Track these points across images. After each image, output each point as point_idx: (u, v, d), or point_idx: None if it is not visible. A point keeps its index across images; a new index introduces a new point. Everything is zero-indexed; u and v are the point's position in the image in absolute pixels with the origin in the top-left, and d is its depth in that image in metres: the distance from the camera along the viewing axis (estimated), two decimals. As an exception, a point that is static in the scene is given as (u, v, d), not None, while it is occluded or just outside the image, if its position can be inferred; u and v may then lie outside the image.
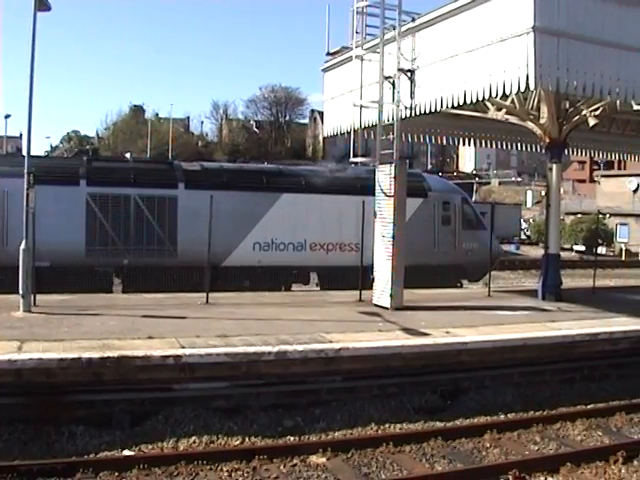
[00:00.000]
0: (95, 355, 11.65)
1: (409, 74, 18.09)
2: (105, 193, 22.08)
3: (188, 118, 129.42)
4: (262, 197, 23.63)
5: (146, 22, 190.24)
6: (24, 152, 16.85)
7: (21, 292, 15.98)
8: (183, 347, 12.44)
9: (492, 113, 21.19)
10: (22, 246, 16.03)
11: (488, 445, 11.20)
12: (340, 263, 23.18)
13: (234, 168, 27.18)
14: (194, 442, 10.88)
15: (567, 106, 20.90)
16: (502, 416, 12.73)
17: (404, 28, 17.98)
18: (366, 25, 18.46)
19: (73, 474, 9.38)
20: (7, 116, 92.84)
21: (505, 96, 17.37)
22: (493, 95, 15.96)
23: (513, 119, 21.24)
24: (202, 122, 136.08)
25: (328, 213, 23.73)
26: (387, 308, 17.87)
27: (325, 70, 22.60)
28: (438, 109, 17.68)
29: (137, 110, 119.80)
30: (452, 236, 26.15)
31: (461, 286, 26.21)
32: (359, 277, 19.65)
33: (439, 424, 12.18)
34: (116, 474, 9.50)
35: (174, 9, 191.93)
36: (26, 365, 11.23)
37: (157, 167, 25.16)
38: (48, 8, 16.40)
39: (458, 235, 26.39)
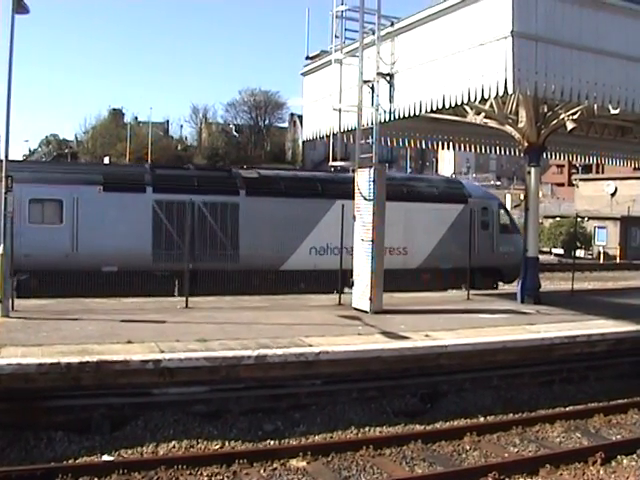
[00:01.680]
0: (74, 360, 11.58)
1: (388, 78, 18.17)
2: (170, 200, 22.62)
3: (167, 122, 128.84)
4: (317, 204, 24.37)
5: (125, 25, 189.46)
6: (1, 156, 16.69)
7: (-1, 297, 15.86)
8: (162, 351, 12.40)
9: (471, 117, 21.30)
10: (0, 250, 15.89)
11: (468, 448, 11.23)
12: (388, 266, 23.43)
13: (291, 176, 27.50)
14: (174, 447, 10.83)
15: (545, 110, 21.02)
16: (482, 419, 12.78)
17: (383, 32, 18.05)
18: (345, 29, 18.51)
19: (52, 479, 9.29)
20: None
21: (484, 100, 17.48)
22: (472, 99, 16.04)
23: (492, 123, 21.35)
24: (181, 126, 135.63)
25: None
26: (367, 312, 17.89)
27: (305, 74, 22.62)
28: (417, 113, 17.72)
29: (116, 114, 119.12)
30: (490, 240, 27.18)
31: (496, 288, 26.65)
32: (339, 280, 19.70)
33: (419, 427, 12.20)
34: (95, 479, 9.42)
35: (152, 10, 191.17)
36: (4, 370, 11.14)
37: (218, 175, 25.64)
38: (26, 11, 16.29)
39: (496, 239, 27.49)
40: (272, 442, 11.21)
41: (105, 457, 10.35)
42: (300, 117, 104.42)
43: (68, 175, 22.65)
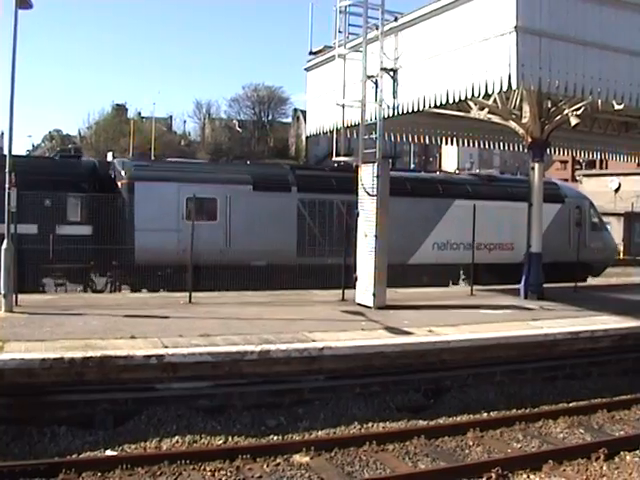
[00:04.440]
0: (78, 355, 11.59)
1: (392, 73, 18.15)
2: (313, 199, 24.64)
3: (171, 117, 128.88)
4: (439, 203, 26.35)
5: (129, 19, 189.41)
6: (5, 151, 16.72)
7: (2, 292, 15.88)
8: (166, 347, 12.41)
9: (475, 112, 21.27)
10: (4, 245, 15.93)
11: (471, 443, 11.22)
12: (500, 260, 25.94)
13: (414, 177, 29.20)
14: (177, 442, 10.82)
15: (549, 106, 21.02)
16: (485, 414, 12.75)
17: (387, 27, 18.03)
18: (349, 24, 18.51)
19: (56, 474, 9.29)
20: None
21: (487, 95, 17.48)
22: (475, 95, 16.02)
23: (495, 118, 21.33)
24: (185, 121, 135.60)
25: (491, 216, 25.15)
26: (370, 307, 17.91)
27: (308, 69, 22.61)
28: (421, 108, 17.71)
29: (119, 109, 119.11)
30: (583, 236, 28.28)
31: (585, 281, 27.24)
32: (342, 275, 19.71)
33: (422, 423, 12.18)
34: (99, 474, 9.42)
35: (155, 5, 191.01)
36: (7, 365, 11.15)
37: (353, 175, 26.04)
38: (30, 6, 16.28)
39: (587, 236, 29.23)
40: (275, 437, 11.20)
41: (108, 452, 10.34)
42: (303, 112, 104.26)
43: (221, 175, 24.46)
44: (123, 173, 23.38)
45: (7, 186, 16.17)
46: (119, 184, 23.28)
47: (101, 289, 23.14)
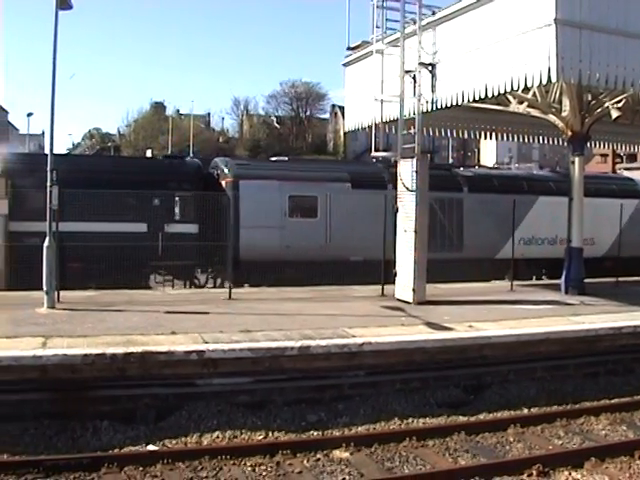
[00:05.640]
0: (119, 350, 11.74)
1: (430, 68, 18.05)
2: None
3: (209, 114, 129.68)
4: (525, 199, 26.05)
5: (166, 19, 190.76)
6: (46, 150, 16.96)
7: (45, 289, 16.10)
8: (206, 342, 12.51)
9: (514, 106, 21.09)
10: (46, 243, 16.14)
11: (512, 440, 11.15)
12: None
13: (500, 174, 30.27)
14: (217, 437, 10.90)
15: (589, 98, 20.76)
16: (525, 410, 12.66)
17: (425, 22, 17.95)
18: (386, 19, 18.48)
19: (98, 469, 9.42)
20: (29, 114, 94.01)
21: (527, 89, 17.35)
22: (514, 88, 15.91)
23: (535, 112, 21.13)
24: (223, 118, 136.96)
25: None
26: (410, 302, 17.87)
27: (346, 65, 22.58)
28: (459, 103, 17.63)
29: (158, 107, 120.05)
30: None
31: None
32: (381, 271, 19.70)
33: (462, 418, 12.15)
34: (140, 469, 9.53)
35: (193, 6, 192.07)
36: (51, 361, 11.33)
37: (443, 173, 27.31)
38: (69, 7, 16.48)
39: None
40: (315, 433, 11.24)
41: (150, 447, 10.46)
42: (341, 108, 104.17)
43: (321, 173, 24.97)
44: (227, 172, 24.00)
45: (48, 184, 16.35)
46: (223, 183, 23.87)
47: (202, 285, 23.94)
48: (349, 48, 21.53)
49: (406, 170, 18.37)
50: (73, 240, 18.78)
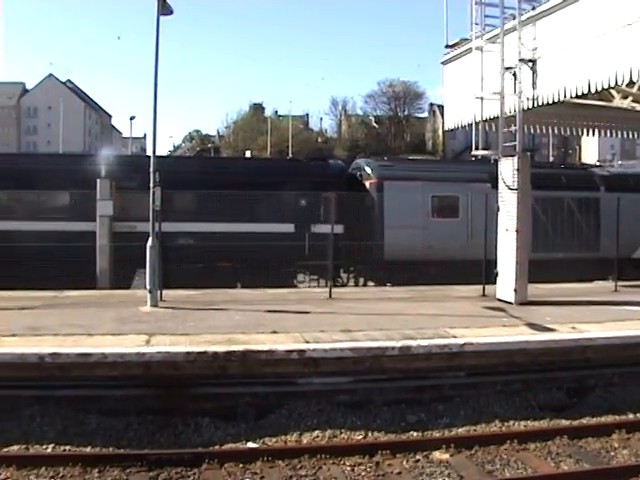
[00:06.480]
0: (221, 349, 12.00)
1: (530, 64, 17.74)
2: (545, 196, 24.87)
3: (307, 115, 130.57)
4: None
5: (264, 21, 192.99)
6: (149, 152, 17.51)
7: (148, 287, 16.60)
8: (307, 342, 12.65)
9: (617, 101, 20.48)
10: (149, 243, 16.60)
11: (616, 445, 10.82)
12: None
13: (634, 173, 30.31)
14: (317, 436, 10.96)
15: (700, 91, 20.00)
16: (631, 416, 12.23)
17: (524, 17, 17.63)
18: (485, 15, 18.26)
19: (199, 464, 9.62)
20: (132, 118, 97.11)
21: (632, 83, 16.80)
22: (619, 83, 15.49)
23: (640, 107, 20.51)
24: (321, 118, 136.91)
25: None
26: (511, 303, 17.64)
27: (444, 63, 22.39)
28: (561, 99, 17.27)
29: (257, 108, 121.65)
30: None
31: None
32: (482, 271, 19.50)
33: (565, 422, 11.86)
34: (240, 466, 9.66)
35: (287, 8, 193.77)
36: (154, 358, 11.69)
37: (580, 173, 28.60)
38: (170, 12, 16.95)
39: None
40: (415, 433, 11.18)
41: (250, 444, 10.61)
42: (439, 107, 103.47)
43: (462, 174, 25.51)
44: (371, 173, 24.60)
45: (151, 185, 16.80)
46: (367, 184, 24.50)
47: (344, 284, 24.53)
48: (447, 46, 21.34)
49: (507, 168, 18.13)
50: (225, 241, 20.13)
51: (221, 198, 19.82)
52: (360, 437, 11.01)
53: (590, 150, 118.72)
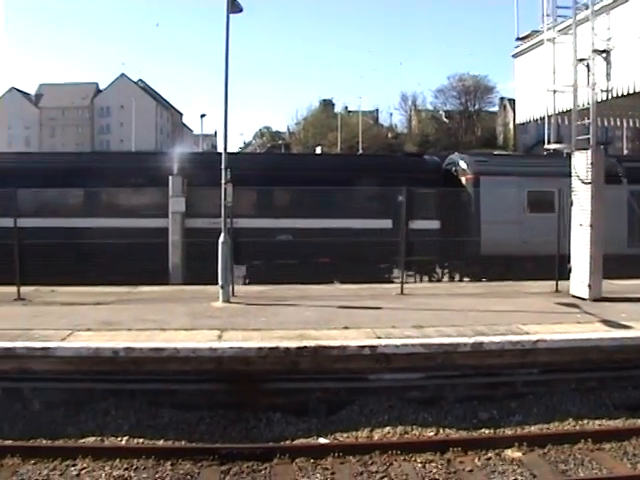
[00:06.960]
0: (292, 345, 12.09)
1: (604, 55, 17.36)
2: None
3: (377, 110, 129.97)
4: None
5: (332, 19, 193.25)
6: (220, 149, 17.76)
7: (220, 283, 16.79)
8: (379, 337, 12.66)
9: (697, 92, 19.94)
10: (221, 239, 16.81)
11: (696, 446, 10.58)
12: None
13: None
14: (388, 432, 10.95)
15: None
16: None
17: (597, 6, 17.23)
18: (557, 6, 17.95)
19: (270, 459, 9.73)
20: (202, 115, 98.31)
21: None
22: (697, 73, 15.05)
23: None
24: (391, 114, 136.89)
25: None
26: (585, 299, 17.32)
27: (515, 55, 22.07)
28: (636, 90, 16.86)
29: (326, 104, 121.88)
30: None
31: None
32: (555, 266, 19.19)
33: (641, 422, 11.64)
34: (311, 461, 9.74)
35: (358, 5, 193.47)
36: (226, 353, 11.86)
37: None
38: (240, 9, 17.11)
39: None
40: (487, 431, 11.09)
41: (321, 440, 10.69)
42: (510, 101, 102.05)
43: (557, 169, 24.61)
44: (466, 169, 24.74)
45: (223, 182, 17.00)
46: (463, 179, 24.68)
47: (439, 279, 24.78)
48: (518, 38, 21.05)
49: (580, 162, 17.80)
50: (324, 236, 20.69)
51: (322, 195, 20.18)
52: (431, 434, 10.97)
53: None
